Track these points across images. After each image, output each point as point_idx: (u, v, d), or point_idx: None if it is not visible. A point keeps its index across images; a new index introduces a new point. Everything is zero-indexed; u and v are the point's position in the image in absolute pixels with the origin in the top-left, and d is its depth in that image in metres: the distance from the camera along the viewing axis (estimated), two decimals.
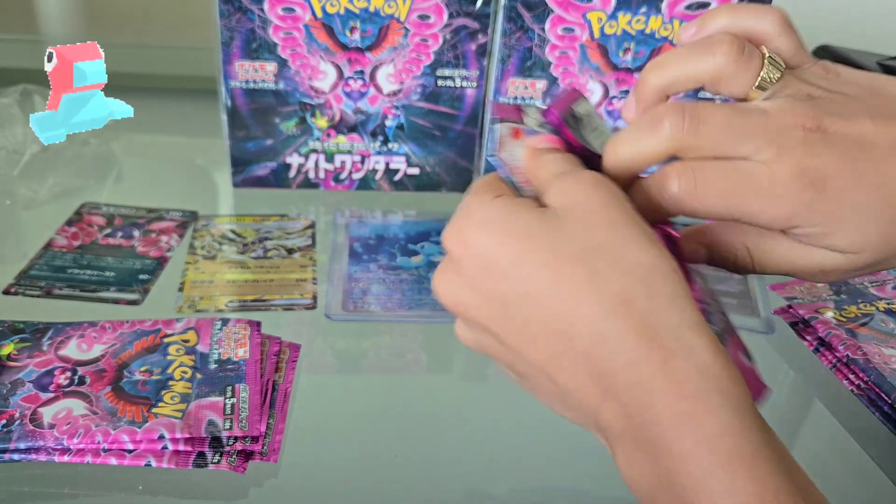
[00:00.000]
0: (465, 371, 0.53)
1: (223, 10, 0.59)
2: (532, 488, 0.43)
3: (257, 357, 0.42)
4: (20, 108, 0.69)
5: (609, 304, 0.27)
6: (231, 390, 0.40)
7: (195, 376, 0.41)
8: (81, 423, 0.37)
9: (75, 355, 0.42)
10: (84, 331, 0.43)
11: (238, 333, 0.44)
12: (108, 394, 0.39)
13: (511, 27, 0.61)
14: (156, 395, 0.39)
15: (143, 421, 0.37)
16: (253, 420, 0.39)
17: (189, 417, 0.38)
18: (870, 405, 0.47)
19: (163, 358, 0.42)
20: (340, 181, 0.69)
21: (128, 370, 0.41)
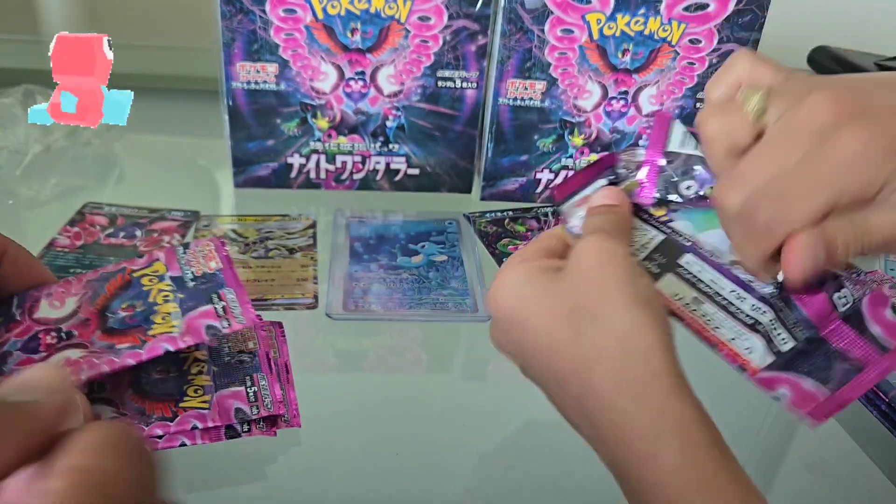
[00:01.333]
0: (466, 370, 0.53)
1: (224, 11, 0.60)
2: (532, 487, 0.44)
3: (229, 265, 0.42)
4: (22, 108, 0.69)
5: (587, 358, 0.31)
6: (217, 296, 0.40)
7: (177, 296, 0.41)
8: (84, 362, 0.37)
9: (51, 314, 0.41)
10: (50, 289, 0.42)
11: (203, 250, 0.44)
12: (100, 336, 0.39)
13: (511, 28, 0.61)
14: (146, 321, 0.39)
15: (143, 343, 0.38)
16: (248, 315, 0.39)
17: (187, 328, 0.38)
18: (867, 404, 0.47)
19: (139, 291, 0.41)
20: (341, 181, 0.69)
21: (109, 311, 0.40)
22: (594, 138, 0.67)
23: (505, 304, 0.35)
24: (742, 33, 0.62)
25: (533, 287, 0.34)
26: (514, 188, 0.69)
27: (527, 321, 0.34)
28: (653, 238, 0.39)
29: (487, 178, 0.69)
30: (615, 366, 0.31)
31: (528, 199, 0.70)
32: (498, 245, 0.63)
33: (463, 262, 0.60)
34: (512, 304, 0.35)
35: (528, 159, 0.68)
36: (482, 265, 0.60)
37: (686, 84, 0.65)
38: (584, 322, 0.32)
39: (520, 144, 0.67)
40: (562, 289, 0.33)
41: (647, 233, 0.39)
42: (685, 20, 0.61)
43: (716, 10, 0.61)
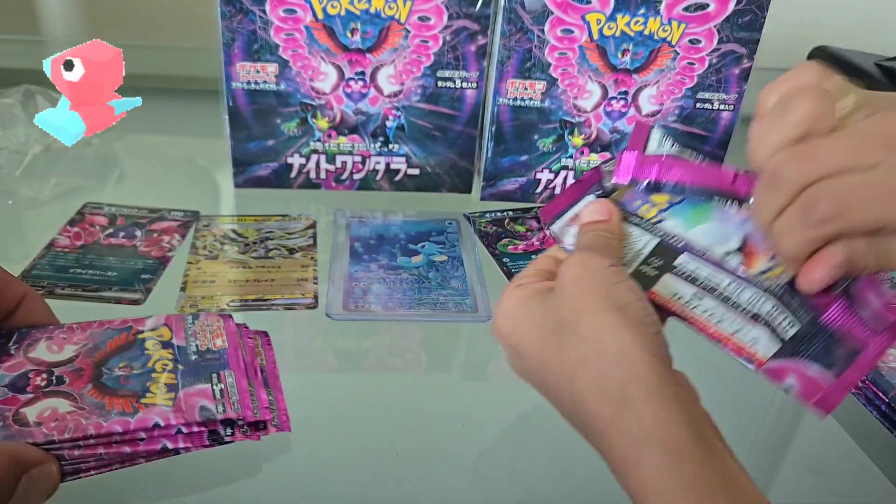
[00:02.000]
0: (466, 370, 0.53)
1: (224, 11, 0.60)
2: (532, 487, 0.44)
3: (236, 345, 0.42)
4: (22, 109, 0.69)
5: (570, 371, 0.32)
6: (217, 377, 0.39)
7: (178, 367, 0.40)
8: (70, 418, 0.36)
9: (47, 357, 0.40)
10: (51, 333, 0.41)
11: (212, 325, 0.43)
12: (90, 391, 0.38)
13: (511, 28, 0.61)
14: (141, 387, 0.38)
15: (134, 411, 0.36)
16: (244, 403, 0.38)
17: (180, 404, 0.37)
18: (867, 404, 0.47)
19: (140, 354, 0.41)
20: (341, 181, 0.69)
21: (106, 367, 0.39)
22: (594, 138, 0.67)
23: (504, 330, 0.37)
24: (742, 33, 0.62)
25: (525, 310, 0.36)
26: (514, 188, 0.69)
27: (521, 345, 0.35)
28: (647, 243, 0.39)
29: (487, 178, 0.69)
30: (594, 374, 0.32)
31: (528, 199, 0.70)
32: (498, 245, 0.63)
33: (463, 262, 0.60)
34: (509, 329, 0.36)
35: (528, 159, 0.68)
36: (482, 265, 0.60)
37: (686, 84, 0.65)
38: (566, 335, 0.33)
39: (520, 144, 0.67)
40: (549, 307, 0.35)
41: (640, 239, 0.39)
42: (685, 20, 0.61)
43: (716, 10, 0.61)
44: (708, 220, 0.39)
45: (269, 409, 0.40)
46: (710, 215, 0.39)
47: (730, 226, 0.39)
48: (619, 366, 0.31)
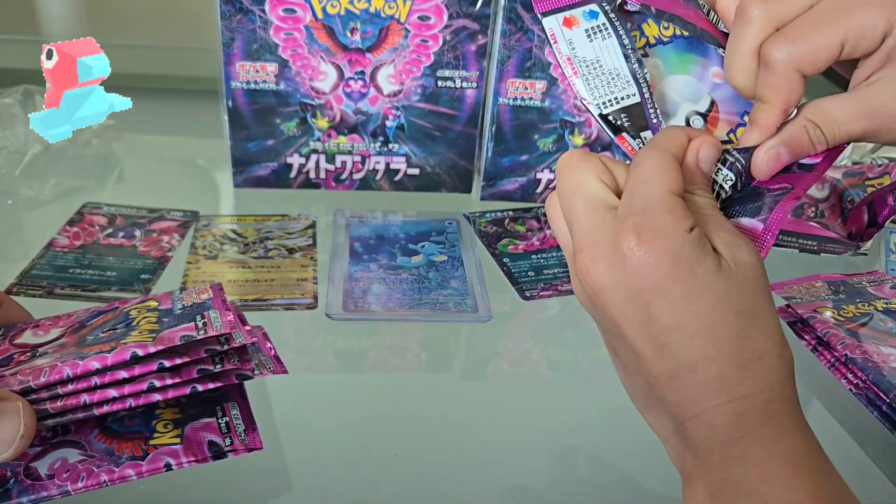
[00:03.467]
0: (466, 370, 0.53)
1: (224, 11, 0.60)
2: (532, 487, 0.44)
3: (222, 297, 0.41)
4: (21, 108, 0.69)
5: (745, 357, 0.30)
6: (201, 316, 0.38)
7: (161, 321, 0.39)
8: (46, 365, 0.35)
9: (32, 341, 0.40)
10: (38, 322, 0.41)
11: (199, 289, 0.42)
12: (71, 350, 0.37)
13: (511, 28, 0.61)
14: (122, 337, 0.37)
15: (111, 349, 0.36)
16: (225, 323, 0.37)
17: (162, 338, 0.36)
18: (868, 404, 0.47)
19: (125, 319, 0.40)
20: (341, 181, 0.69)
21: (90, 334, 0.39)
22: (594, 138, 0.67)
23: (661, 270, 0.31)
24: None
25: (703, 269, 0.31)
26: (514, 188, 0.69)
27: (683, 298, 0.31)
28: (627, 97, 0.37)
29: (487, 178, 0.69)
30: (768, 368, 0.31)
31: (528, 199, 0.70)
32: (498, 245, 0.63)
33: (463, 262, 0.60)
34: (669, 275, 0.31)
35: (529, 159, 0.68)
36: (482, 265, 0.60)
37: None
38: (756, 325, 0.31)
39: (520, 144, 0.67)
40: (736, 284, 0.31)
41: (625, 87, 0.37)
42: None
43: None
44: (686, 72, 0.37)
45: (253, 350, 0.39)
46: (689, 69, 0.38)
47: (703, 85, 0.37)
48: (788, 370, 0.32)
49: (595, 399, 0.50)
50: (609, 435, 0.47)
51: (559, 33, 0.37)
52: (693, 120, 0.37)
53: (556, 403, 0.50)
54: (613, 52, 0.36)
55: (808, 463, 0.29)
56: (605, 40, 0.36)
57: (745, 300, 0.31)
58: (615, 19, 0.36)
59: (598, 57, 0.37)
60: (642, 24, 0.37)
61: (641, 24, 0.37)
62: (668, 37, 0.37)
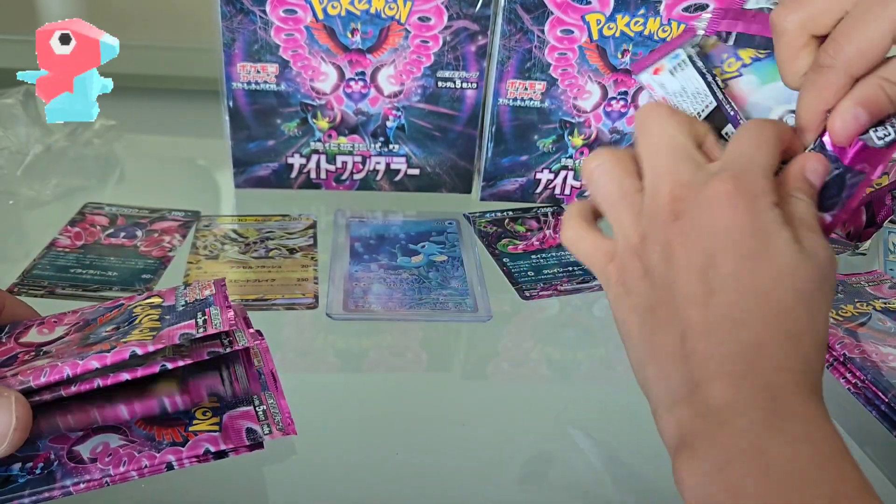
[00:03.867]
0: (466, 370, 0.53)
1: (225, 11, 0.60)
2: (532, 486, 0.44)
3: (223, 294, 0.41)
4: (23, 109, 0.69)
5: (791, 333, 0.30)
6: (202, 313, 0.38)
7: (163, 317, 0.39)
8: (46, 365, 0.35)
9: (37, 339, 0.40)
10: (43, 319, 0.42)
11: (202, 285, 0.43)
12: (77, 349, 0.38)
13: (511, 29, 0.61)
14: (124, 335, 0.38)
15: (112, 347, 0.36)
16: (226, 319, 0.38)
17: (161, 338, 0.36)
18: (866, 404, 0.47)
19: (129, 316, 0.40)
20: (341, 181, 0.69)
21: (93, 333, 0.39)
22: (594, 139, 0.67)
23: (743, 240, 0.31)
24: None
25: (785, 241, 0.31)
26: (513, 188, 0.69)
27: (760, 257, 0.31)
28: (706, 106, 0.40)
29: (487, 179, 0.69)
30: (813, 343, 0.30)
31: (528, 199, 0.70)
32: (498, 245, 0.63)
33: (463, 262, 0.60)
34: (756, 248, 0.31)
35: (528, 159, 0.68)
36: (482, 265, 0.60)
37: None
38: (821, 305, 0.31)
39: (520, 145, 0.67)
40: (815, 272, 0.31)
41: (701, 100, 0.40)
42: (685, 20, 0.61)
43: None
44: (778, 79, 0.38)
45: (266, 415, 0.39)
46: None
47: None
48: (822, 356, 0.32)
49: (595, 399, 0.51)
50: (609, 435, 0.47)
51: (653, 81, 0.41)
52: (787, 118, 0.39)
53: (556, 403, 0.50)
54: (693, 77, 0.40)
55: (843, 454, 0.28)
56: (684, 71, 0.41)
57: (807, 284, 0.31)
58: (692, 54, 0.41)
59: (684, 86, 0.41)
60: (738, 51, 0.40)
61: (737, 51, 0.40)
62: (763, 53, 0.40)
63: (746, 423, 0.28)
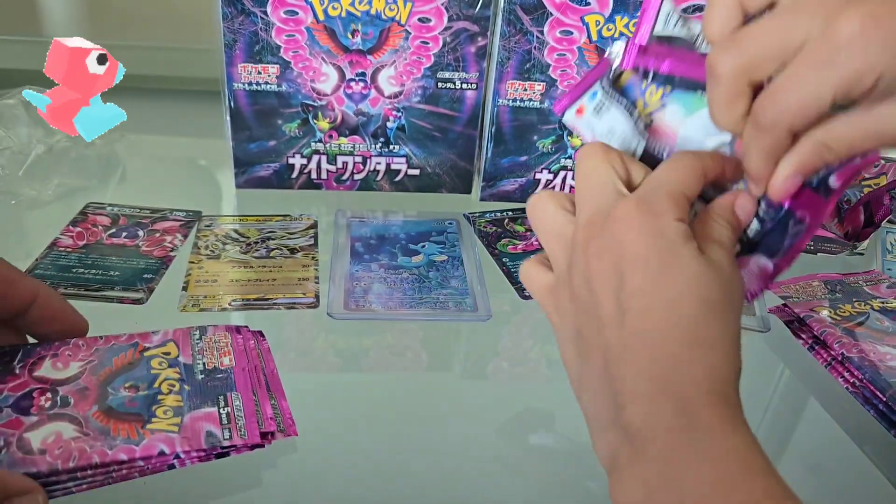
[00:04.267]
0: (466, 370, 0.54)
1: (226, 12, 0.60)
2: (532, 486, 0.44)
3: (243, 364, 0.41)
4: (24, 109, 0.70)
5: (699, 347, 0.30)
6: (224, 399, 0.39)
7: (184, 388, 0.39)
8: (74, 445, 0.35)
9: (52, 375, 0.39)
10: (57, 350, 0.41)
11: (219, 342, 0.43)
12: (95, 413, 0.37)
13: (510, 30, 0.61)
14: (147, 410, 0.37)
15: (140, 438, 0.35)
16: (251, 427, 0.38)
17: (186, 430, 0.36)
18: (864, 403, 0.48)
19: (146, 373, 0.40)
20: (342, 182, 0.69)
21: (111, 387, 0.38)
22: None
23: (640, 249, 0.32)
24: None
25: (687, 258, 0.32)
26: (513, 188, 0.70)
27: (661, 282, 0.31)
28: (636, 149, 0.39)
29: (487, 179, 0.69)
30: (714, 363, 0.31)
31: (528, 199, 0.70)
32: (498, 245, 0.64)
33: (463, 261, 0.61)
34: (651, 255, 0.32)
35: (528, 160, 0.68)
36: (482, 265, 0.60)
37: None
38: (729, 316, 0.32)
39: (519, 145, 0.67)
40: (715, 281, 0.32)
41: (633, 141, 0.39)
42: None
43: None
44: (704, 106, 0.38)
45: (273, 418, 0.39)
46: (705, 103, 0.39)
47: None
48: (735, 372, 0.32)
49: None
50: None
51: (578, 123, 0.40)
52: (723, 149, 0.38)
53: (556, 402, 0.50)
54: (618, 118, 0.39)
55: (757, 464, 0.28)
56: (609, 111, 0.40)
57: (714, 293, 0.31)
58: (610, 91, 0.40)
59: (611, 126, 0.40)
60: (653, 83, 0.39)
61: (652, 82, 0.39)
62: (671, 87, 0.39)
63: (662, 447, 0.29)
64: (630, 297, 0.31)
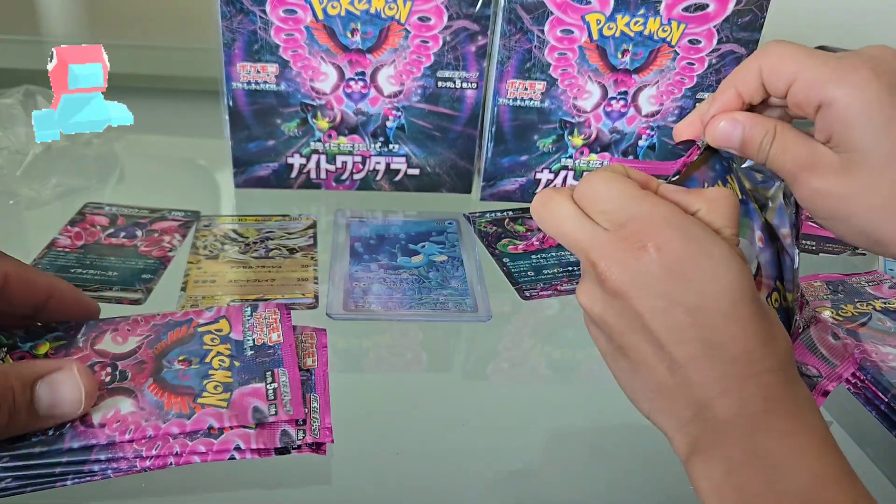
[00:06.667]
0: (466, 370, 0.53)
1: (225, 11, 0.60)
2: (532, 486, 0.44)
3: (291, 341, 0.42)
4: (23, 109, 0.69)
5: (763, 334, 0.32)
6: (271, 375, 0.40)
7: (233, 364, 0.40)
8: (130, 420, 0.37)
9: (111, 349, 0.41)
10: (117, 325, 0.43)
11: (269, 318, 0.44)
12: (151, 386, 0.39)
13: (510, 29, 0.61)
14: (199, 384, 0.39)
15: (191, 412, 0.37)
16: (296, 403, 0.39)
17: (234, 406, 0.38)
18: (866, 404, 0.47)
19: (199, 347, 0.41)
20: (341, 181, 0.69)
21: (166, 360, 0.41)
22: (594, 138, 0.67)
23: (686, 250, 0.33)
24: (742, 33, 0.62)
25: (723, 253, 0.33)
26: (513, 188, 0.69)
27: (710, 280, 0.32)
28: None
29: (487, 179, 0.69)
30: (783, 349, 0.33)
31: (528, 199, 0.70)
32: (498, 245, 0.63)
33: (463, 262, 0.60)
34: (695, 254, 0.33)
35: (528, 159, 0.68)
36: (482, 265, 0.60)
37: (685, 84, 0.65)
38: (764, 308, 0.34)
39: (520, 145, 0.67)
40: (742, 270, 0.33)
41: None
42: (685, 20, 0.61)
43: (715, 10, 0.61)
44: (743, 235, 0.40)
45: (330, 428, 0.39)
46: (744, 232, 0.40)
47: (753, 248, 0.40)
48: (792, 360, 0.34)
49: (595, 399, 0.50)
50: (609, 434, 0.47)
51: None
52: None
53: (556, 403, 0.50)
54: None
55: (832, 439, 0.31)
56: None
57: (751, 282, 0.33)
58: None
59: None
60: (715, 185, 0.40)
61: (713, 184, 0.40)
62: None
63: (747, 431, 0.31)
64: (688, 315, 0.32)
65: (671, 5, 0.61)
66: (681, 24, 0.62)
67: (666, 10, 0.61)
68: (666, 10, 0.61)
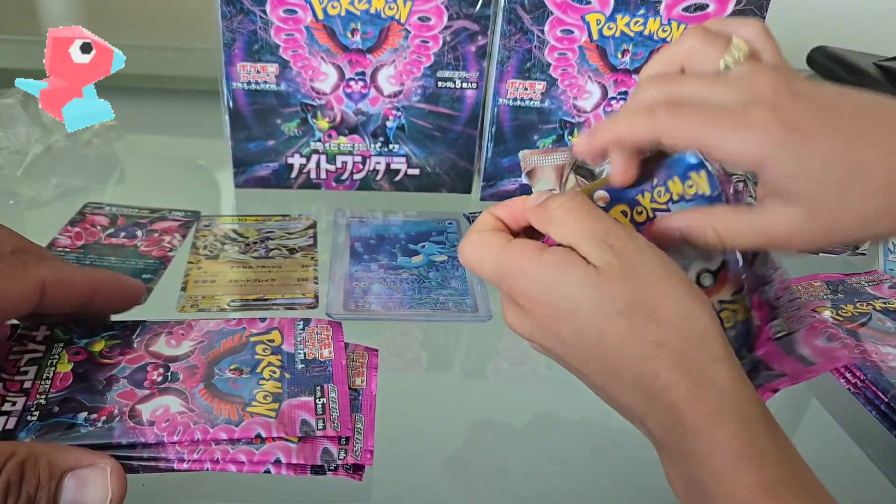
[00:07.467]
0: (466, 370, 0.53)
1: (225, 11, 0.60)
2: (532, 486, 0.44)
3: (342, 358, 0.42)
4: (23, 109, 0.69)
5: (644, 350, 0.32)
6: (320, 390, 0.40)
7: (284, 376, 0.40)
8: (179, 420, 0.37)
9: (165, 351, 0.41)
10: (171, 328, 0.43)
11: (321, 334, 0.43)
12: (202, 391, 0.39)
13: (511, 29, 0.61)
14: (249, 393, 0.39)
15: (240, 419, 0.37)
16: (344, 420, 0.38)
17: (283, 416, 0.37)
18: (866, 404, 0.47)
19: (251, 357, 0.41)
20: (342, 181, 0.69)
21: (218, 367, 0.40)
22: None
23: (545, 298, 0.35)
24: None
25: (575, 285, 0.34)
26: (513, 188, 0.69)
27: (574, 319, 0.34)
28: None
29: (487, 179, 0.69)
30: (676, 354, 0.32)
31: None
32: None
33: None
34: (553, 300, 0.34)
35: None
36: None
37: None
38: (639, 317, 0.33)
39: (520, 145, 0.67)
40: (609, 288, 0.33)
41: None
42: (685, 21, 0.62)
43: (715, 10, 0.61)
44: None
45: (371, 451, 0.39)
46: None
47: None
48: (704, 347, 0.32)
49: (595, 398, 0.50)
50: (609, 434, 0.47)
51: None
52: (703, 278, 0.38)
53: (556, 403, 0.50)
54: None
55: (748, 452, 0.30)
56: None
57: (623, 298, 0.33)
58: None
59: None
60: (668, 181, 0.39)
61: (667, 180, 0.39)
62: (690, 195, 0.39)
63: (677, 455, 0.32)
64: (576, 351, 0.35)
65: (671, 5, 0.61)
66: (681, 25, 0.62)
67: (666, 10, 0.61)
68: (666, 10, 0.61)
